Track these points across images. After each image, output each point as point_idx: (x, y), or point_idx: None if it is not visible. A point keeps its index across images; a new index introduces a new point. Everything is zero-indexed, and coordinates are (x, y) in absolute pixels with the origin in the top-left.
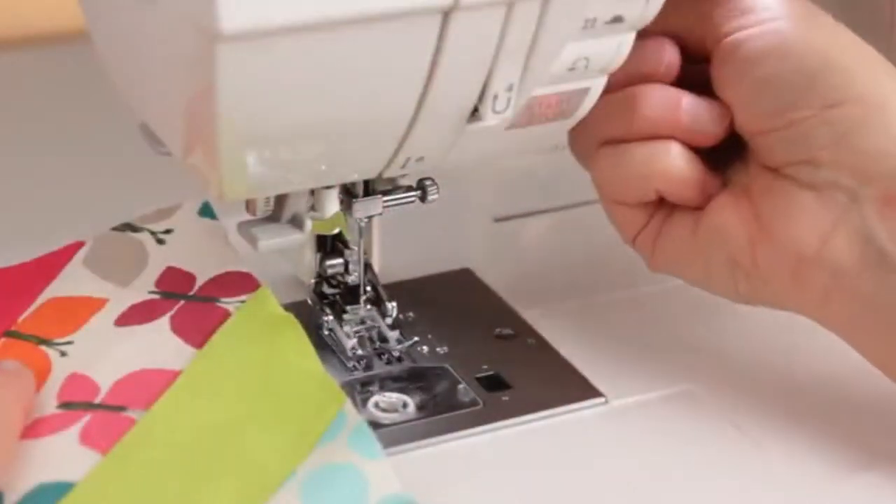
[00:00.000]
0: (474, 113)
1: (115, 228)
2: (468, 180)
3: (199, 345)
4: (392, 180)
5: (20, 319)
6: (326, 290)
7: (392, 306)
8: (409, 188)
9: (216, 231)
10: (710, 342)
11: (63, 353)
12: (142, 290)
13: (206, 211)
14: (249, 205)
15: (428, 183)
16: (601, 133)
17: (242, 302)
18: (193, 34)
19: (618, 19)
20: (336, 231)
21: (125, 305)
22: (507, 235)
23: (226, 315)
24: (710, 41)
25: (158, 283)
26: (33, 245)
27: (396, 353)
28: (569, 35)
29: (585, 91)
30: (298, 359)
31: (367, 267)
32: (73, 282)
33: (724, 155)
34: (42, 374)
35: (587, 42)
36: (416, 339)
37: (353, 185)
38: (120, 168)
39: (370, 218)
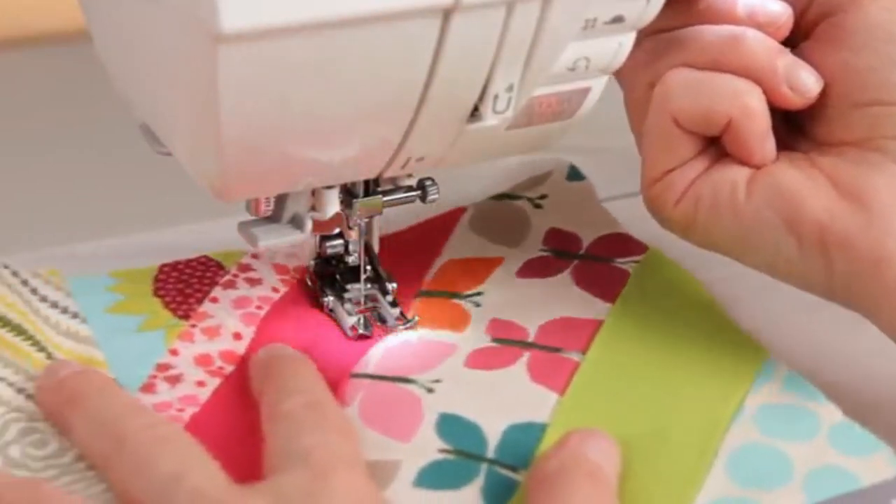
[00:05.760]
0: (474, 113)
1: (492, 198)
2: (468, 180)
3: (609, 299)
4: (393, 180)
5: (426, 280)
6: (326, 270)
7: (392, 287)
8: (410, 188)
9: (587, 192)
10: None
11: (477, 304)
12: (532, 249)
13: (575, 174)
14: (250, 205)
15: (428, 183)
16: (687, 57)
17: (636, 262)
18: (194, 34)
19: (618, 19)
20: (336, 231)
21: (521, 261)
22: None
23: (625, 274)
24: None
25: (545, 242)
26: (34, 245)
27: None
28: (569, 35)
29: (586, 91)
30: (706, 315)
31: (367, 247)
32: (464, 244)
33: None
34: (461, 322)
35: (588, 42)
36: (416, 318)
37: (354, 184)
38: (120, 168)
39: (370, 218)
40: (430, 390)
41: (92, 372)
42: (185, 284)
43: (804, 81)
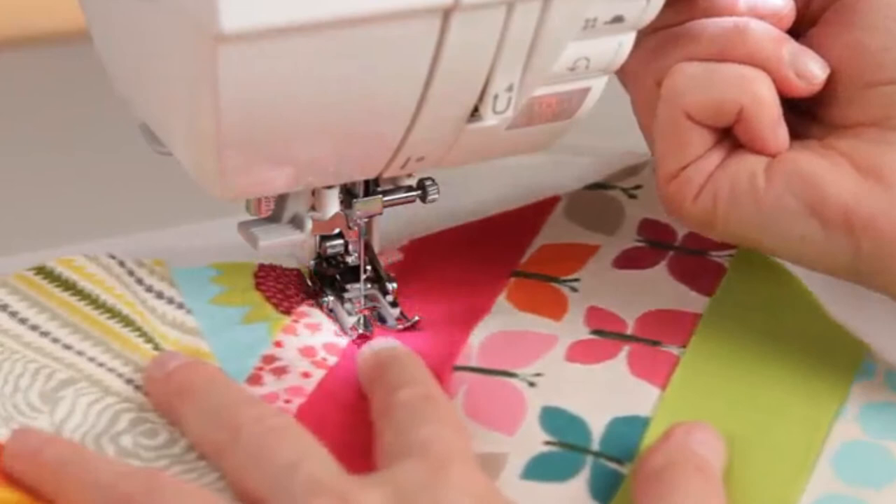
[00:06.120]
0: (474, 113)
1: (586, 187)
2: (468, 180)
3: (706, 293)
4: (393, 180)
5: (521, 262)
6: (326, 270)
7: (392, 287)
8: (410, 188)
9: None
10: None
11: (574, 289)
12: (628, 238)
13: None
14: (250, 205)
15: (428, 183)
16: (692, 51)
17: (731, 256)
18: (194, 34)
19: (618, 19)
20: (336, 231)
21: (618, 250)
22: None
23: (721, 268)
24: None
25: (639, 232)
26: (34, 245)
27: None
28: (569, 35)
29: (586, 91)
30: (805, 308)
31: (367, 246)
32: (560, 230)
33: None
34: (560, 306)
35: (588, 42)
36: (416, 317)
37: (354, 184)
38: (120, 168)
39: (370, 218)
40: (532, 384)
41: (201, 363)
42: (283, 285)
43: (811, 68)
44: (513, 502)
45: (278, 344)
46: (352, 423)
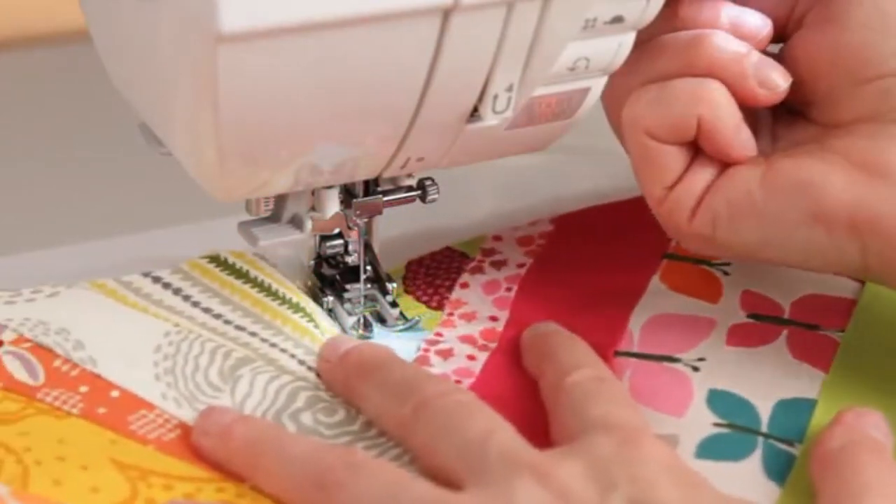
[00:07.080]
0: (474, 113)
1: None
2: (468, 180)
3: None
4: (393, 180)
5: (672, 244)
6: (326, 270)
7: (392, 286)
8: (410, 188)
9: None
10: None
11: (726, 273)
12: None
13: None
14: (249, 205)
15: (428, 183)
16: (654, 70)
17: None
18: (194, 34)
19: (618, 19)
20: (336, 231)
21: None
22: None
23: None
24: None
25: None
26: (34, 245)
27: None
28: (569, 35)
29: (586, 91)
30: None
31: (367, 247)
32: None
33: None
34: (714, 289)
35: (587, 42)
36: (417, 319)
37: (354, 184)
38: (120, 168)
39: (370, 218)
40: (695, 368)
41: (374, 344)
42: (432, 277)
43: (773, 78)
44: (699, 474)
45: (438, 334)
46: (520, 402)
